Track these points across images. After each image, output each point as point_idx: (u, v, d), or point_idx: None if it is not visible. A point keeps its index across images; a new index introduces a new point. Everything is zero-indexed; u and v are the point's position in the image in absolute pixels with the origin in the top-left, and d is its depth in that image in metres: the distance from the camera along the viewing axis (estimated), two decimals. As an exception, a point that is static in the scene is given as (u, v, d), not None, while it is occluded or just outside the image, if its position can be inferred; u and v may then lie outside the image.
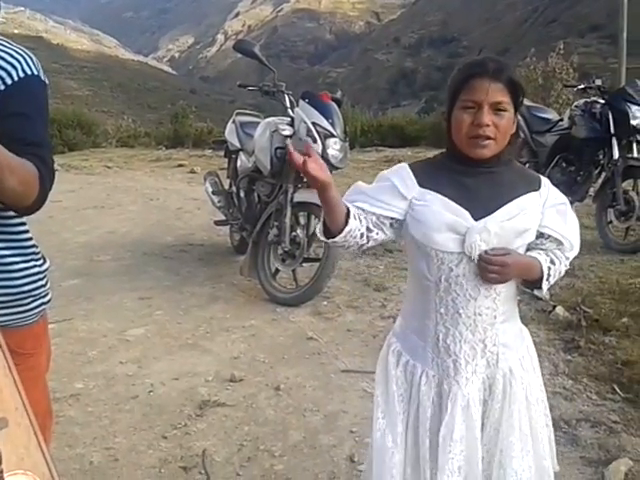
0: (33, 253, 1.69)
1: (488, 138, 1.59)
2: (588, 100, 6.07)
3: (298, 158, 1.56)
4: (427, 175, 1.67)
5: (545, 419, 1.81)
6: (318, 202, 4.79)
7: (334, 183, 1.63)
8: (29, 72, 1.59)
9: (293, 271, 4.78)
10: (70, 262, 5.74)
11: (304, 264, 4.78)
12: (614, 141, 5.61)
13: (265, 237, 4.78)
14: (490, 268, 1.58)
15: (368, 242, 1.70)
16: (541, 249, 1.69)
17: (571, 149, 6.06)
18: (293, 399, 3.30)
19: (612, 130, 5.61)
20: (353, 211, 1.66)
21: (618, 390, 3.25)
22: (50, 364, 1.85)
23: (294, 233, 4.65)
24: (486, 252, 1.59)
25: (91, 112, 24.31)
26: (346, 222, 1.65)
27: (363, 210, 1.67)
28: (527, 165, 6.47)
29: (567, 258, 1.71)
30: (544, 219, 1.67)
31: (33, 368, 1.71)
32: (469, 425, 1.66)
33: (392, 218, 1.68)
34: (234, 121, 5.69)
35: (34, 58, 1.63)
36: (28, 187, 1.53)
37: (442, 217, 1.61)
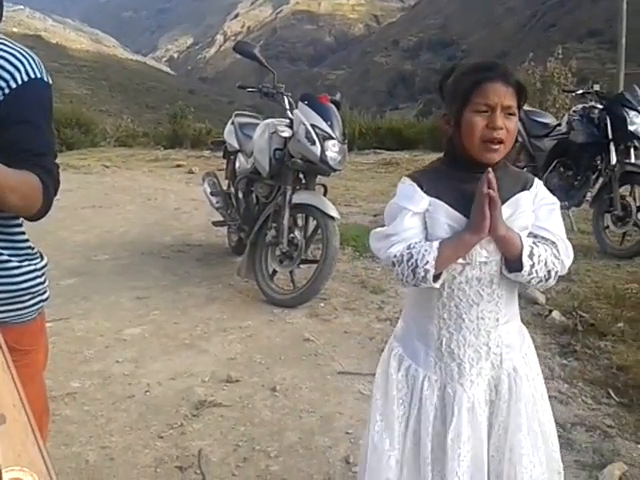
0: (27, 253, 1.69)
1: (500, 142, 1.61)
2: (586, 105, 6.08)
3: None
4: (430, 183, 1.67)
5: (550, 413, 1.83)
6: (316, 204, 4.82)
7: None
8: (32, 75, 1.58)
9: (291, 272, 4.78)
10: (67, 261, 5.74)
11: (302, 266, 4.78)
12: (612, 146, 5.62)
13: (263, 238, 4.79)
14: (485, 190, 1.56)
15: None
16: None
17: (569, 154, 6.08)
18: (289, 400, 3.31)
19: (610, 135, 5.62)
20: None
21: (613, 395, 3.26)
22: (47, 362, 1.85)
23: (292, 234, 4.66)
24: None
25: (89, 111, 24.22)
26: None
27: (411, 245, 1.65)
28: (525, 169, 6.49)
29: (558, 258, 1.67)
30: (535, 218, 1.69)
31: (30, 365, 1.72)
32: (474, 426, 1.68)
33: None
34: (233, 122, 5.70)
35: (37, 59, 1.62)
36: (30, 201, 1.55)
37: (447, 228, 1.63)
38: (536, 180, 1.74)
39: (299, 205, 4.63)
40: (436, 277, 1.63)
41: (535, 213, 1.69)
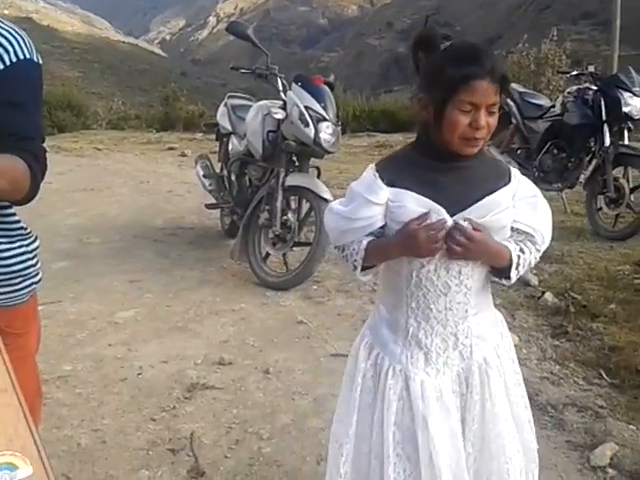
0: (19, 234, 1.68)
1: (482, 139, 1.56)
2: (580, 87, 6.05)
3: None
4: (396, 173, 1.60)
5: (523, 401, 1.80)
6: (309, 186, 4.79)
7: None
8: (22, 56, 1.55)
9: (284, 255, 4.77)
10: (59, 244, 5.72)
11: (295, 248, 4.77)
12: (605, 128, 5.60)
13: (256, 221, 4.77)
14: (457, 238, 1.53)
15: None
16: (510, 240, 1.65)
17: (562, 135, 6.06)
18: (282, 382, 3.31)
19: (604, 117, 5.60)
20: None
21: (605, 375, 3.27)
22: (39, 345, 1.84)
23: (285, 217, 4.64)
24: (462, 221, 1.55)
25: (81, 94, 24.04)
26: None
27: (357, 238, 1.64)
28: (519, 151, 6.48)
29: (538, 250, 1.66)
30: (516, 213, 1.62)
31: (22, 348, 1.71)
32: (445, 416, 1.63)
33: (380, 227, 1.63)
34: (226, 104, 5.66)
35: (27, 39, 1.59)
36: (18, 185, 1.54)
37: (418, 214, 1.56)
38: (514, 171, 1.66)
39: (292, 187, 4.61)
40: (371, 267, 1.68)
41: (516, 207, 1.62)
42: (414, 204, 1.56)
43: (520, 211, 1.63)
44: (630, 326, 3.79)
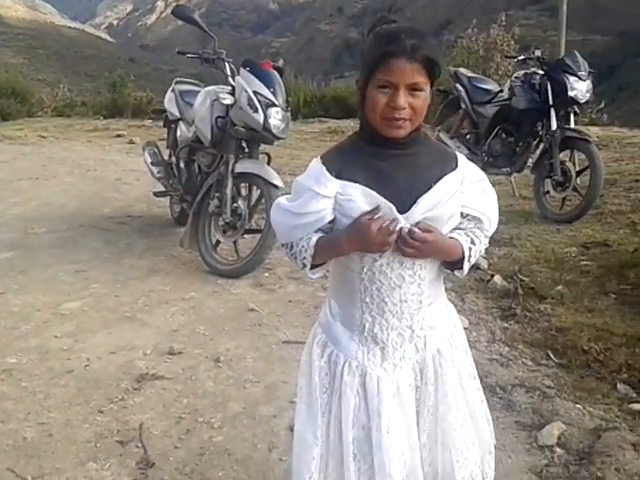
0: None
1: (404, 120, 1.52)
2: (528, 71, 6.12)
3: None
4: (342, 165, 1.57)
5: (479, 394, 1.79)
6: (259, 173, 4.73)
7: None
8: None
9: (234, 243, 4.73)
10: (3, 234, 5.57)
11: (245, 235, 4.73)
12: (552, 112, 5.67)
13: (206, 208, 4.71)
14: (409, 242, 1.52)
15: None
16: (460, 229, 1.64)
17: (511, 120, 6.13)
18: (233, 371, 3.28)
19: (550, 101, 5.68)
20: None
21: (552, 356, 3.33)
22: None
23: (235, 204, 4.60)
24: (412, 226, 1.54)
25: (26, 80, 23.34)
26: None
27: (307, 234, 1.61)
28: (468, 136, 6.54)
29: (486, 236, 1.67)
30: (464, 198, 1.61)
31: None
32: (404, 410, 1.63)
33: (329, 222, 1.59)
34: (173, 89, 5.56)
35: None
36: None
37: (366, 209, 1.54)
38: (460, 156, 1.65)
39: (242, 174, 4.56)
40: (320, 264, 1.66)
41: (465, 192, 1.61)
42: (363, 199, 1.53)
43: (469, 196, 1.62)
44: (576, 307, 3.86)
